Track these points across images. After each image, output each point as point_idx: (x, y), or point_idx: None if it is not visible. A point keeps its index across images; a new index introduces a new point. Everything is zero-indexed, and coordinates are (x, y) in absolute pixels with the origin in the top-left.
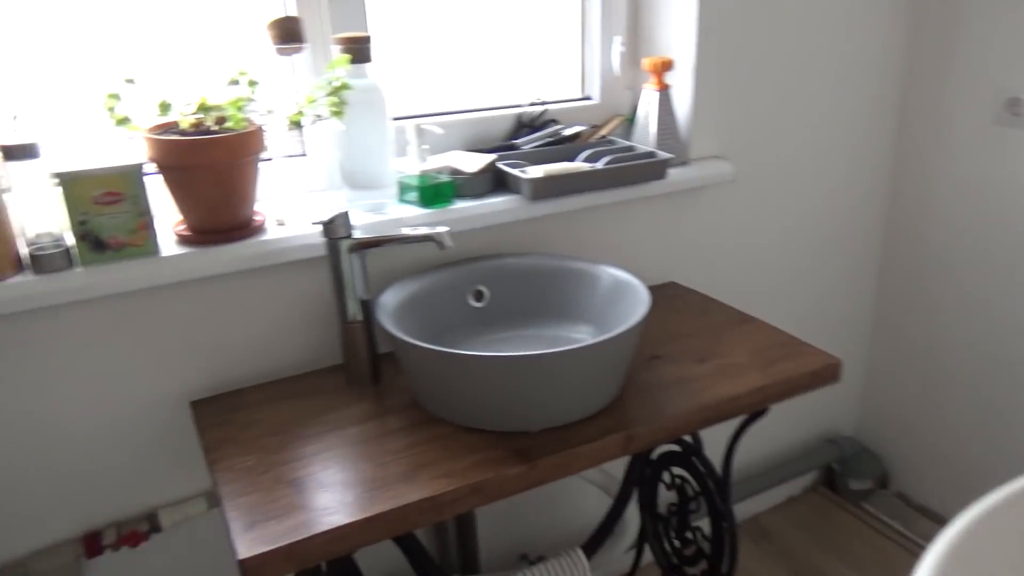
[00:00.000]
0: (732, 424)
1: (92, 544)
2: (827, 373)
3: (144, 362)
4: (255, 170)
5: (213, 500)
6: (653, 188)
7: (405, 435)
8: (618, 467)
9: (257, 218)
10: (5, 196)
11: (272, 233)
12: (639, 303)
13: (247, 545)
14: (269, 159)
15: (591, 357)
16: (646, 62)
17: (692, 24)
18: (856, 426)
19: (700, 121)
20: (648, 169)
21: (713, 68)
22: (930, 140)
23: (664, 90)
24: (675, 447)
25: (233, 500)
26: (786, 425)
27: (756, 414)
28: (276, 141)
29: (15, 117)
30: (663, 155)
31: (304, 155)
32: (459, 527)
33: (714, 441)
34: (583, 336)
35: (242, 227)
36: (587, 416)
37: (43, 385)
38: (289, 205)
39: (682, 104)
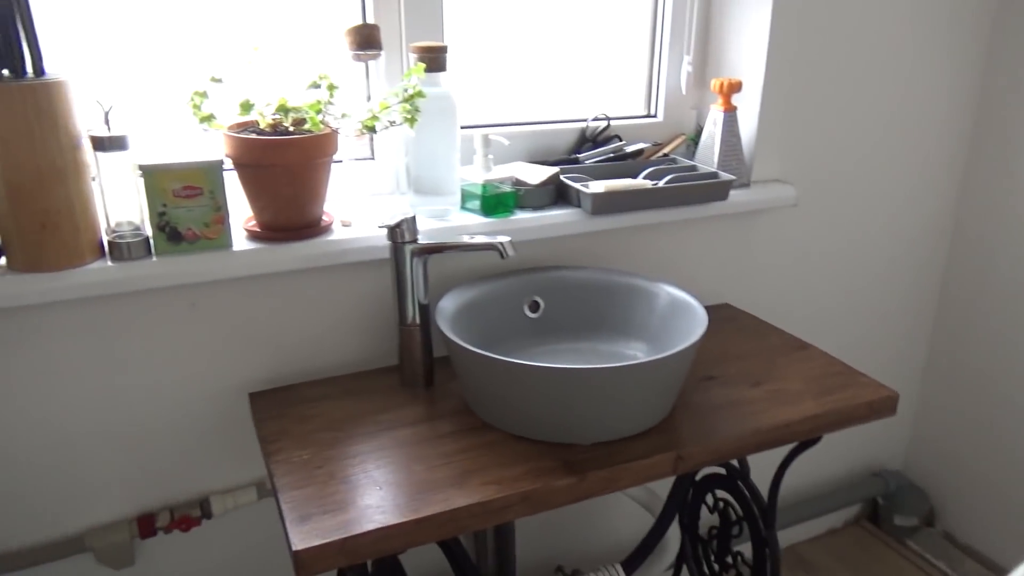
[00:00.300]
0: (778, 450)
1: (146, 525)
2: (883, 406)
3: (208, 352)
4: (327, 172)
5: (263, 490)
6: (714, 209)
7: (456, 440)
8: (662, 486)
9: (325, 218)
10: (92, 184)
11: (338, 234)
12: (696, 323)
13: (301, 537)
14: (339, 161)
15: (647, 374)
16: (714, 83)
17: (762, 47)
18: (904, 460)
19: (764, 144)
20: (710, 190)
21: (780, 91)
22: (999, 170)
23: (730, 111)
24: (720, 470)
25: (288, 492)
26: (831, 455)
27: (807, 442)
28: (347, 144)
29: (109, 110)
30: (726, 176)
31: (372, 159)
32: (498, 535)
33: (759, 466)
34: (638, 353)
35: (311, 226)
36: (638, 433)
37: (112, 368)
38: (355, 207)
39: (747, 126)
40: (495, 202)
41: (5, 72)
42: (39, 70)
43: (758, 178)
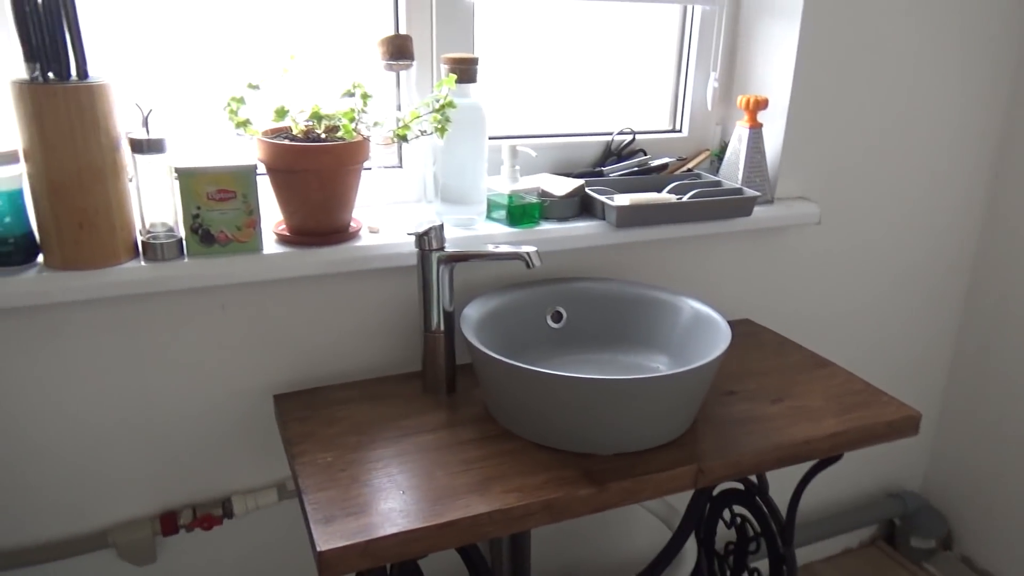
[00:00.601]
0: (796, 467)
1: (168, 522)
2: (905, 425)
3: (235, 353)
4: (357, 178)
5: (284, 492)
6: (737, 224)
7: (477, 447)
8: (679, 499)
9: (353, 225)
10: (129, 185)
11: (366, 240)
12: (719, 338)
13: (325, 538)
14: (368, 169)
15: (670, 387)
16: (740, 99)
17: (789, 65)
18: (922, 481)
19: (789, 161)
20: (735, 205)
21: (806, 109)
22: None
23: (756, 128)
24: (738, 485)
25: (313, 494)
26: (847, 474)
27: (828, 460)
28: (375, 152)
29: (148, 114)
30: (750, 192)
31: (399, 167)
32: (513, 542)
33: (776, 483)
34: (660, 366)
35: (339, 232)
36: (659, 445)
37: (141, 366)
38: (382, 214)
39: (772, 143)
40: (521, 212)
41: (50, 74)
42: (83, 73)
43: (782, 195)
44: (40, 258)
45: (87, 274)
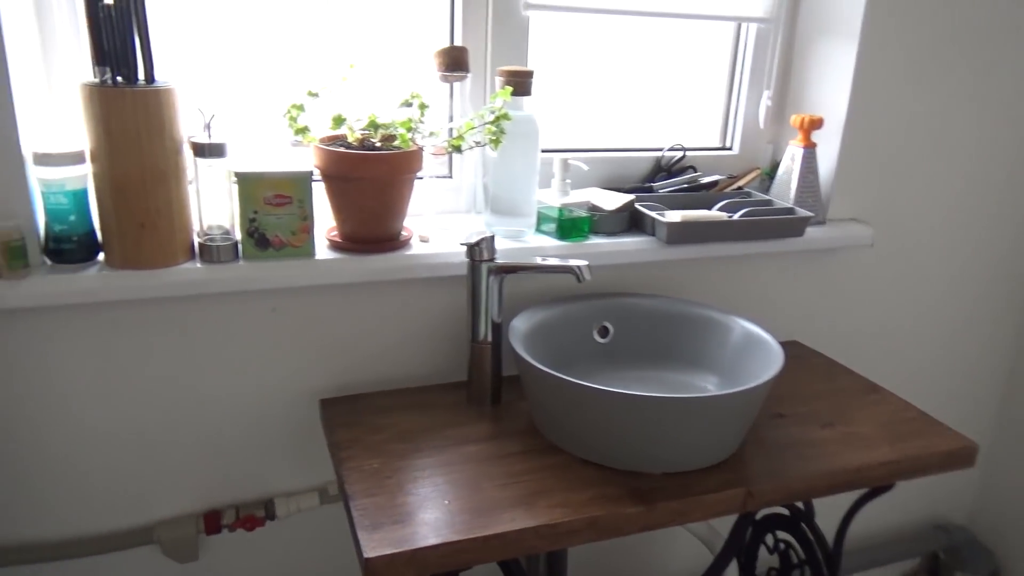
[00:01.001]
0: (841, 495)
1: (212, 522)
2: (961, 457)
3: (283, 356)
4: (410, 188)
5: (325, 496)
6: (788, 245)
7: (522, 460)
8: (721, 521)
9: (404, 233)
10: (188, 188)
11: (416, 248)
12: (771, 360)
13: (372, 545)
14: (420, 178)
15: (721, 407)
16: (794, 118)
17: (846, 84)
18: (969, 514)
19: (843, 182)
20: (787, 225)
21: (862, 130)
22: None
23: (810, 148)
24: (782, 510)
25: (360, 500)
26: (891, 503)
27: (879, 489)
28: (427, 161)
29: (210, 119)
30: (803, 212)
31: (449, 177)
32: (550, 556)
33: (820, 509)
34: (708, 385)
35: (391, 240)
36: (707, 466)
37: (192, 366)
38: (431, 223)
39: (825, 163)
40: (571, 226)
41: (119, 78)
42: (150, 77)
43: (834, 216)
44: (100, 256)
45: (146, 274)
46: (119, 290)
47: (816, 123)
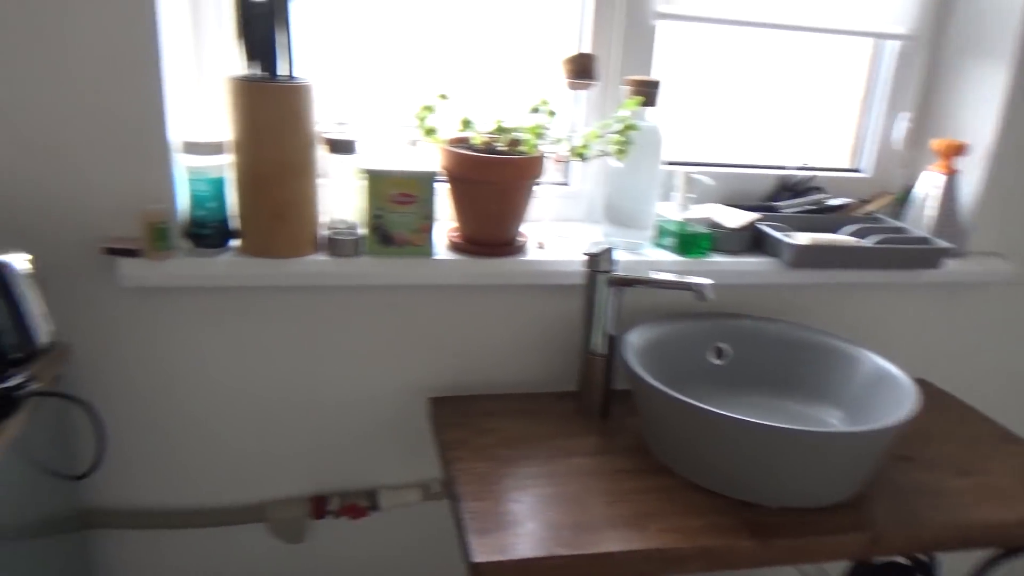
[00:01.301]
0: (971, 553)
1: (319, 506)
2: None
3: (397, 351)
4: (531, 193)
5: (427, 493)
6: (922, 276)
7: (631, 478)
8: (832, 565)
9: (520, 238)
10: (320, 183)
11: (533, 254)
12: (903, 399)
13: (481, 550)
14: (538, 184)
15: (849, 445)
16: (936, 143)
17: (997, 109)
18: None
19: (986, 213)
20: (923, 255)
21: (1012, 159)
22: None
23: (951, 175)
24: (901, 559)
25: (469, 502)
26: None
27: (1015, 550)
28: (547, 168)
29: (343, 120)
30: (941, 243)
31: (567, 184)
32: None
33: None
34: (833, 420)
35: (508, 244)
36: (827, 505)
37: (312, 354)
38: (546, 230)
39: (967, 192)
40: (691, 242)
41: (265, 73)
42: (292, 73)
43: (974, 249)
44: (232, 243)
45: (277, 262)
46: (253, 277)
47: (960, 149)
